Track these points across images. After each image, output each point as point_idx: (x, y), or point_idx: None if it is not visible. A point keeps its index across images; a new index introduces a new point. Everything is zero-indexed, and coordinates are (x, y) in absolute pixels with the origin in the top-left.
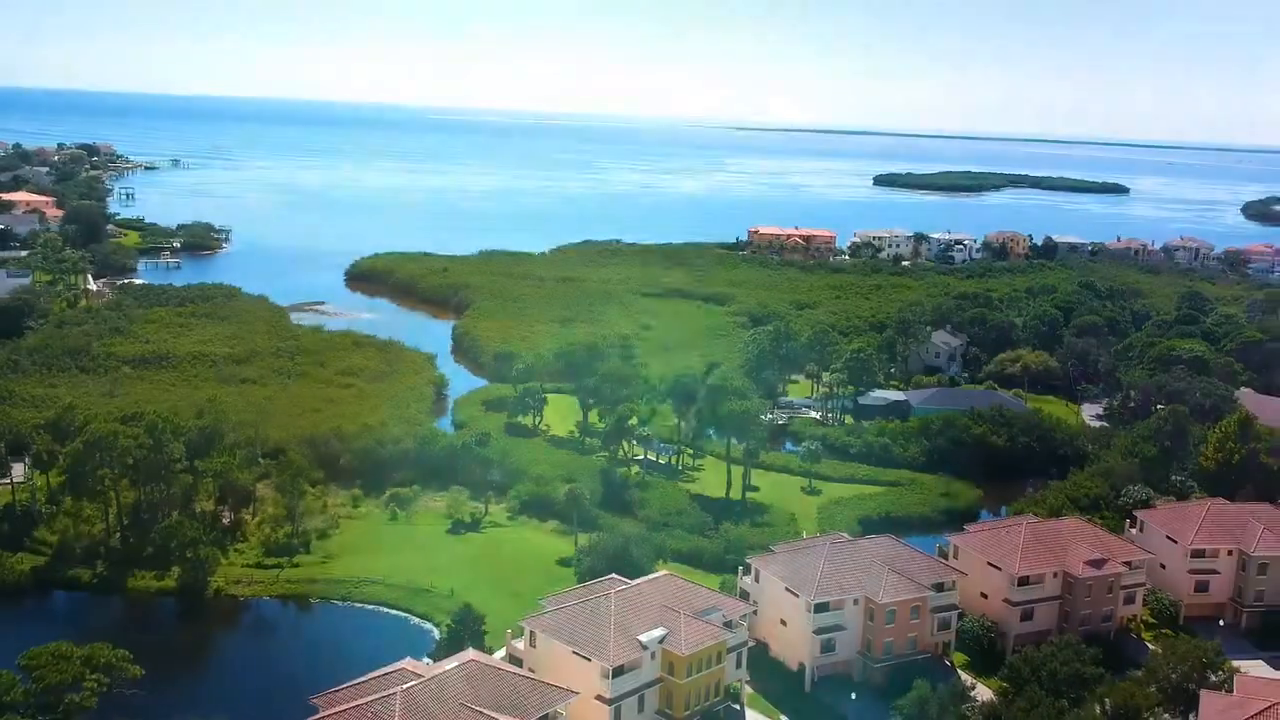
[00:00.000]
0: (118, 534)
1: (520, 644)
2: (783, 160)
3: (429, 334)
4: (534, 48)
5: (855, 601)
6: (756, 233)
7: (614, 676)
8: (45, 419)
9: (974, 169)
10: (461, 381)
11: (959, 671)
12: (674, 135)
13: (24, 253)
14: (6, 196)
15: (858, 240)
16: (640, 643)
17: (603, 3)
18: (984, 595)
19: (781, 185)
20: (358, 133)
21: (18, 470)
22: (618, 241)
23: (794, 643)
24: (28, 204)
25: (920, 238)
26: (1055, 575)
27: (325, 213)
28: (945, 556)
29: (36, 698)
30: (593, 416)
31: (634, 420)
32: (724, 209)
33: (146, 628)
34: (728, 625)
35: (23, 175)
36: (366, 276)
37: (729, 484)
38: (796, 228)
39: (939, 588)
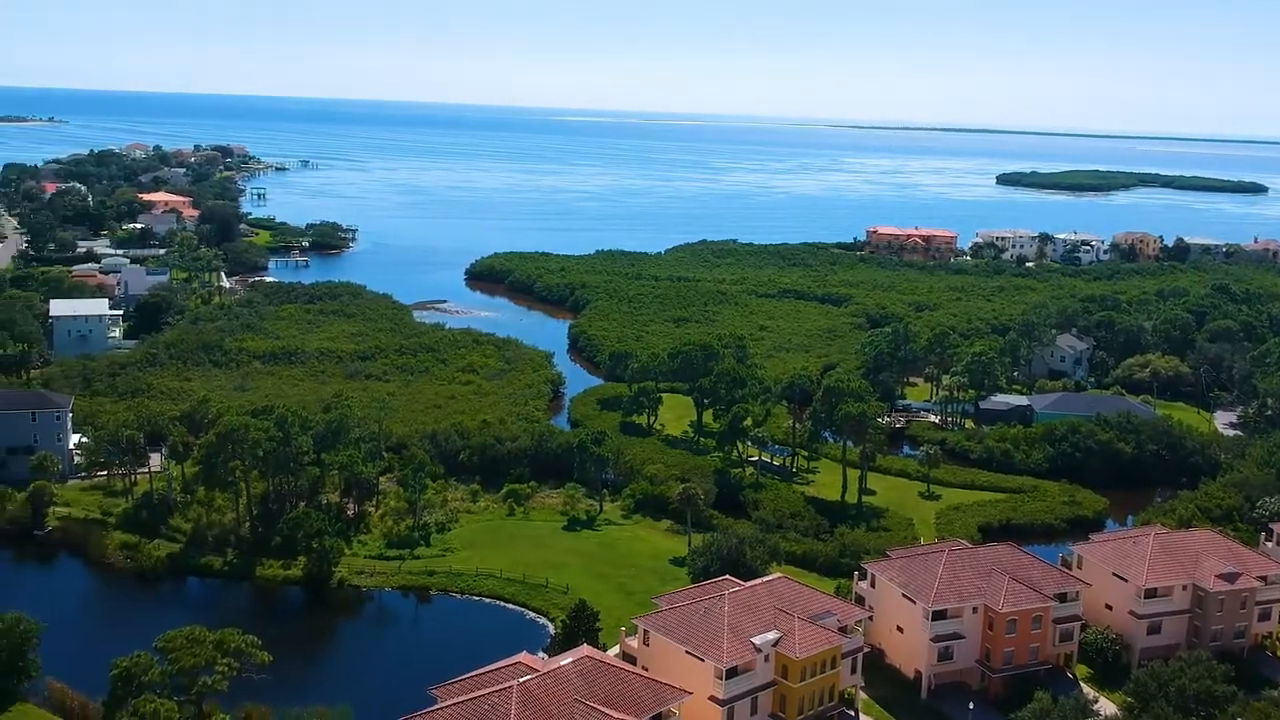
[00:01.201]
0: (248, 523)
1: (634, 642)
2: (901, 159)
3: (546, 332)
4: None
5: (974, 610)
6: (875, 233)
7: (727, 678)
8: (181, 411)
9: (1101, 168)
10: (578, 380)
11: (1081, 684)
12: (788, 135)
13: (162, 251)
14: (147, 197)
15: (980, 241)
16: (754, 645)
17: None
18: (1109, 607)
19: (900, 185)
20: (479, 135)
21: (155, 460)
22: (733, 241)
23: (910, 650)
24: (166, 204)
25: (1045, 238)
26: (1185, 588)
27: (446, 212)
28: (1068, 566)
29: (172, 679)
30: (707, 417)
31: (749, 421)
32: (841, 209)
33: (274, 615)
34: (843, 630)
35: (162, 176)
36: (486, 275)
37: (845, 487)
38: (916, 228)
39: (1062, 598)
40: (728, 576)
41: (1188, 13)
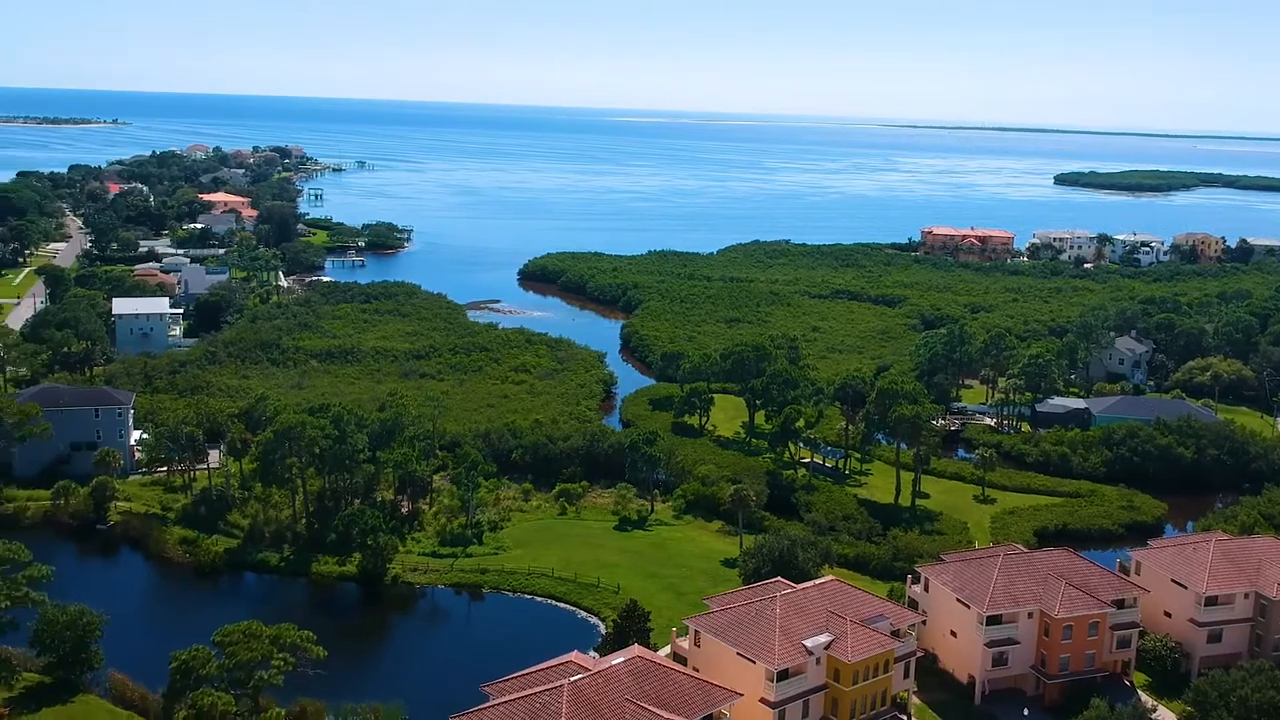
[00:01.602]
0: (304, 520)
1: (685, 643)
2: (957, 159)
3: (598, 333)
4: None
5: (1029, 615)
6: (930, 233)
7: (778, 680)
8: (239, 409)
9: (1162, 168)
10: (629, 380)
11: (1139, 692)
12: (841, 134)
13: (222, 250)
14: (207, 197)
15: (1037, 241)
16: (805, 648)
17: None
18: (1168, 614)
19: (956, 185)
20: (534, 135)
21: (214, 457)
22: (786, 242)
23: (964, 655)
24: (226, 204)
25: (1104, 239)
26: (1247, 596)
27: (500, 213)
28: (1126, 572)
29: (229, 673)
30: (759, 418)
31: (801, 422)
32: (895, 209)
33: (329, 611)
34: (895, 634)
35: (221, 177)
36: (539, 275)
37: (898, 490)
38: (972, 228)
39: (1119, 604)
40: (779, 578)
41: (1254, 8)
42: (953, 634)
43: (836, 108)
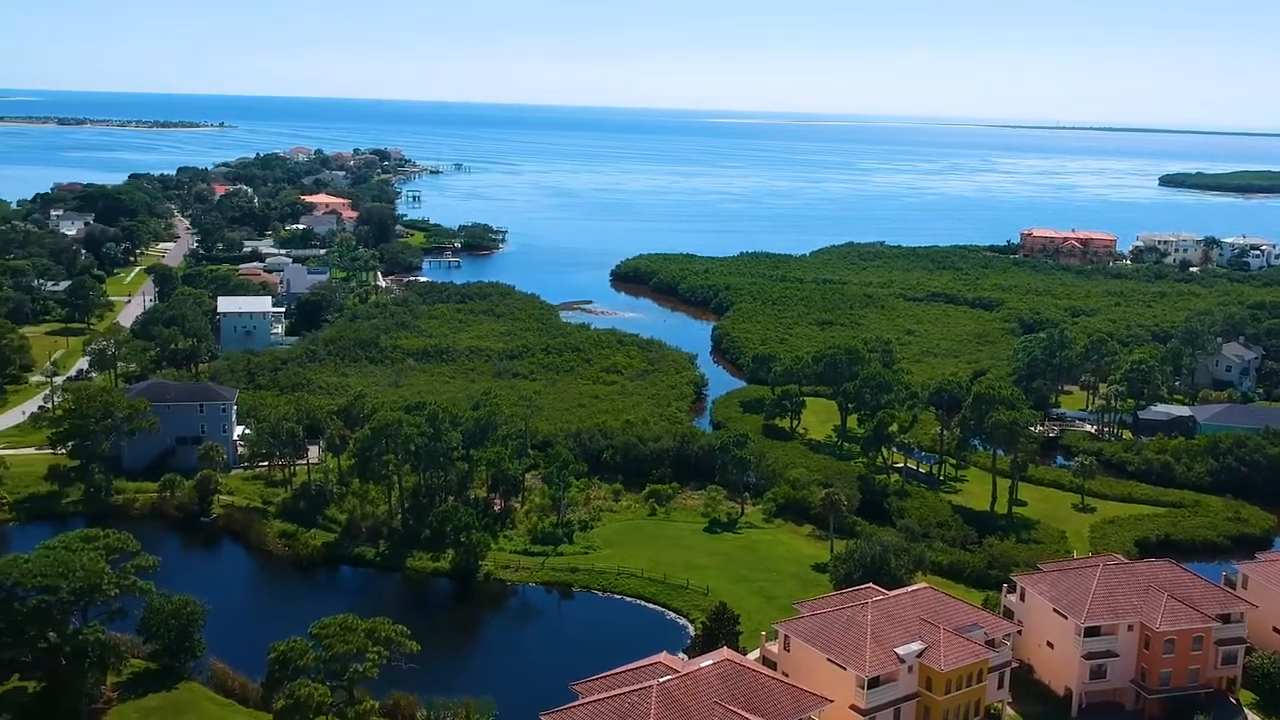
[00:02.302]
0: (399, 516)
1: (774, 647)
2: (1058, 159)
3: (689, 334)
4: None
5: (1129, 628)
6: (1029, 235)
7: (869, 687)
8: (338, 406)
9: (1274, 168)
10: (720, 382)
11: (1245, 710)
12: (938, 134)
13: (323, 251)
14: (309, 199)
15: (1140, 244)
16: (897, 655)
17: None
18: (1277, 630)
19: (1057, 186)
20: (629, 137)
21: (313, 452)
22: (881, 244)
23: (1061, 667)
24: (327, 206)
25: (1211, 242)
26: None
27: (593, 214)
28: (1232, 586)
29: (325, 664)
30: (852, 422)
31: (895, 427)
32: (994, 210)
33: (422, 606)
34: (990, 644)
35: (323, 179)
36: (631, 276)
37: (994, 497)
38: (1073, 230)
39: (1225, 619)
40: (871, 585)
41: None
42: (1049, 645)
43: (934, 108)
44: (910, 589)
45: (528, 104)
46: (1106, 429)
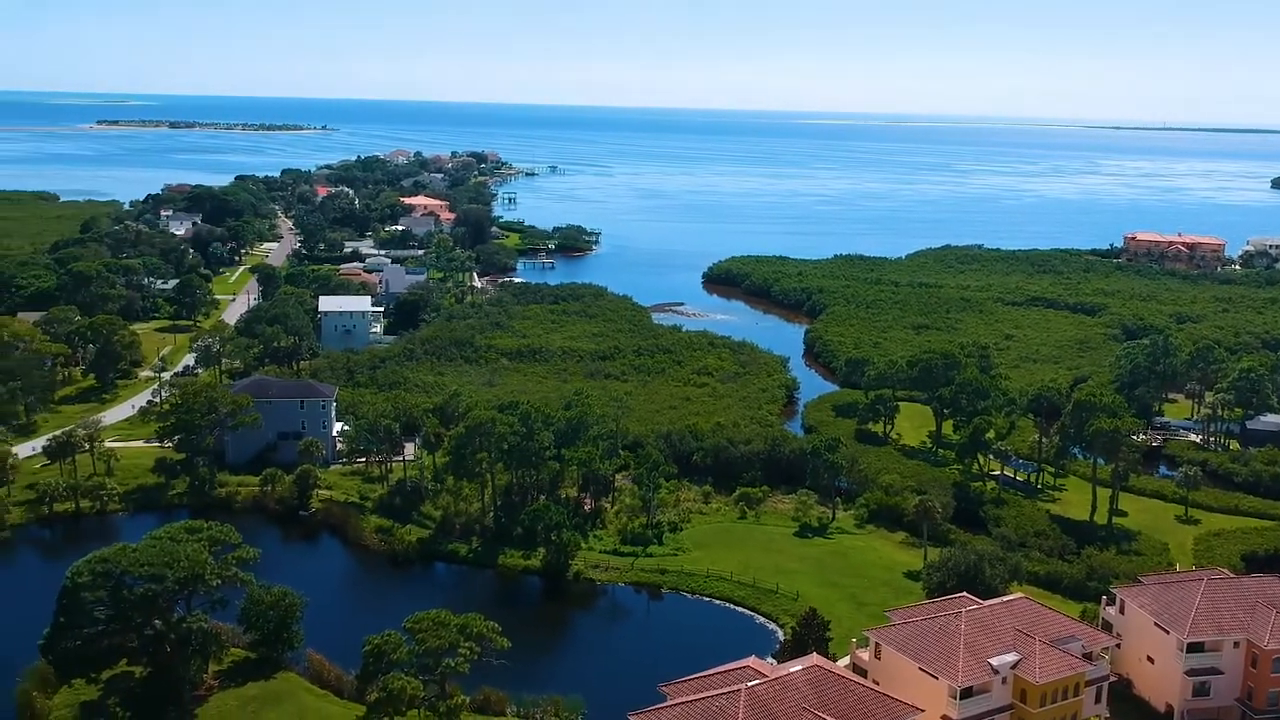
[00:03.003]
0: (491, 513)
1: (864, 654)
2: (1164, 161)
3: (782, 337)
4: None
5: (1235, 644)
6: (1133, 239)
7: (962, 698)
8: (434, 404)
9: None
10: (812, 385)
11: None
12: (1039, 135)
13: (420, 252)
14: (407, 200)
15: (1251, 249)
16: (991, 666)
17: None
18: None
19: (1163, 188)
20: (723, 139)
21: (409, 449)
22: (979, 247)
23: (1162, 683)
24: (425, 207)
25: None
26: None
27: (686, 216)
28: None
29: (418, 658)
30: (947, 427)
31: (991, 434)
32: (1097, 213)
33: (513, 603)
34: (1087, 657)
35: (421, 181)
36: (723, 279)
37: (1094, 507)
38: (1179, 234)
39: None
40: (965, 594)
41: None
42: (1149, 660)
43: (1035, 109)
44: (1005, 599)
45: (619, 106)
46: (1212, 439)
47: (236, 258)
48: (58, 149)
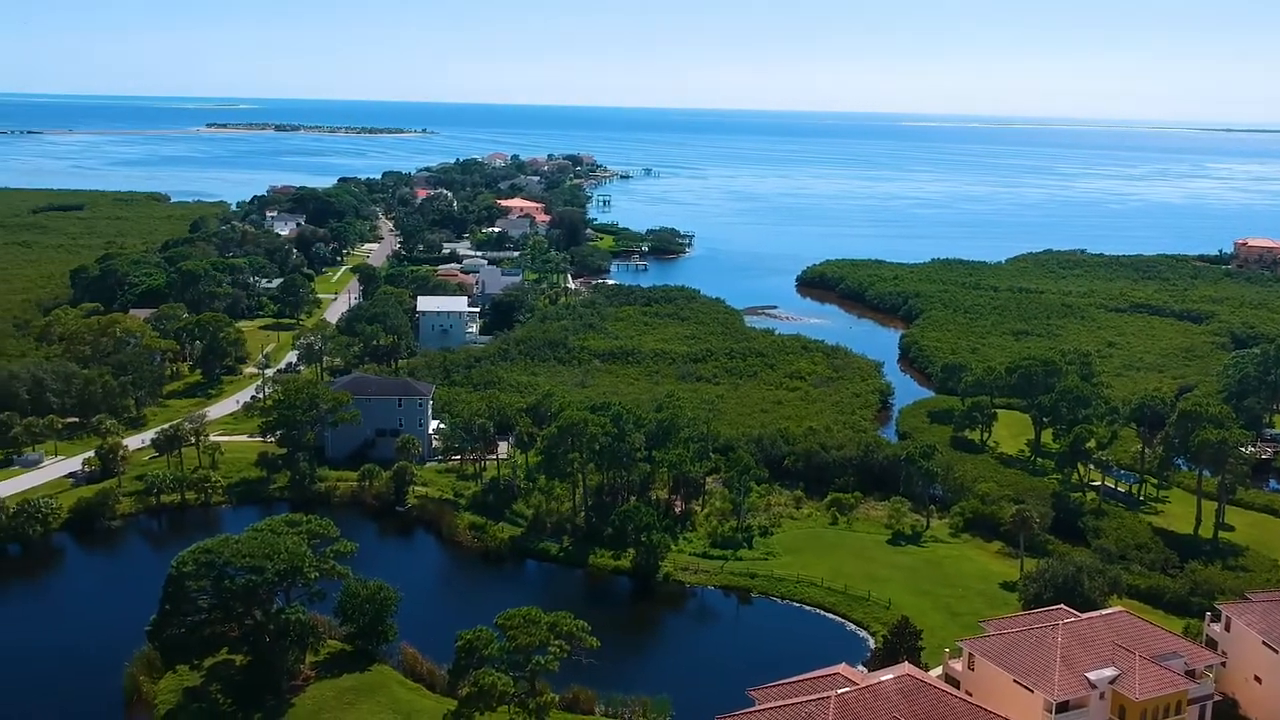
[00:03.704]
0: (582, 513)
1: (958, 665)
2: (1276, 165)
3: (876, 341)
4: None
5: None
6: (1244, 245)
7: (1057, 712)
8: (527, 404)
9: None
10: (907, 391)
11: None
12: (1145, 138)
13: (516, 253)
14: (504, 202)
15: None
16: (1088, 680)
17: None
18: None
19: (1275, 193)
20: (820, 141)
21: (502, 448)
22: (1081, 252)
23: (1271, 704)
24: (521, 209)
25: None
26: None
27: (780, 219)
28: None
29: (509, 655)
30: (1046, 436)
31: (1092, 443)
32: (1205, 218)
33: (602, 602)
34: (1189, 674)
35: (518, 183)
36: (817, 282)
37: (1199, 520)
38: None
39: None
40: (1062, 606)
41: None
42: (1257, 680)
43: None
44: (1105, 612)
45: (712, 109)
46: None
47: (338, 258)
48: (170, 151)
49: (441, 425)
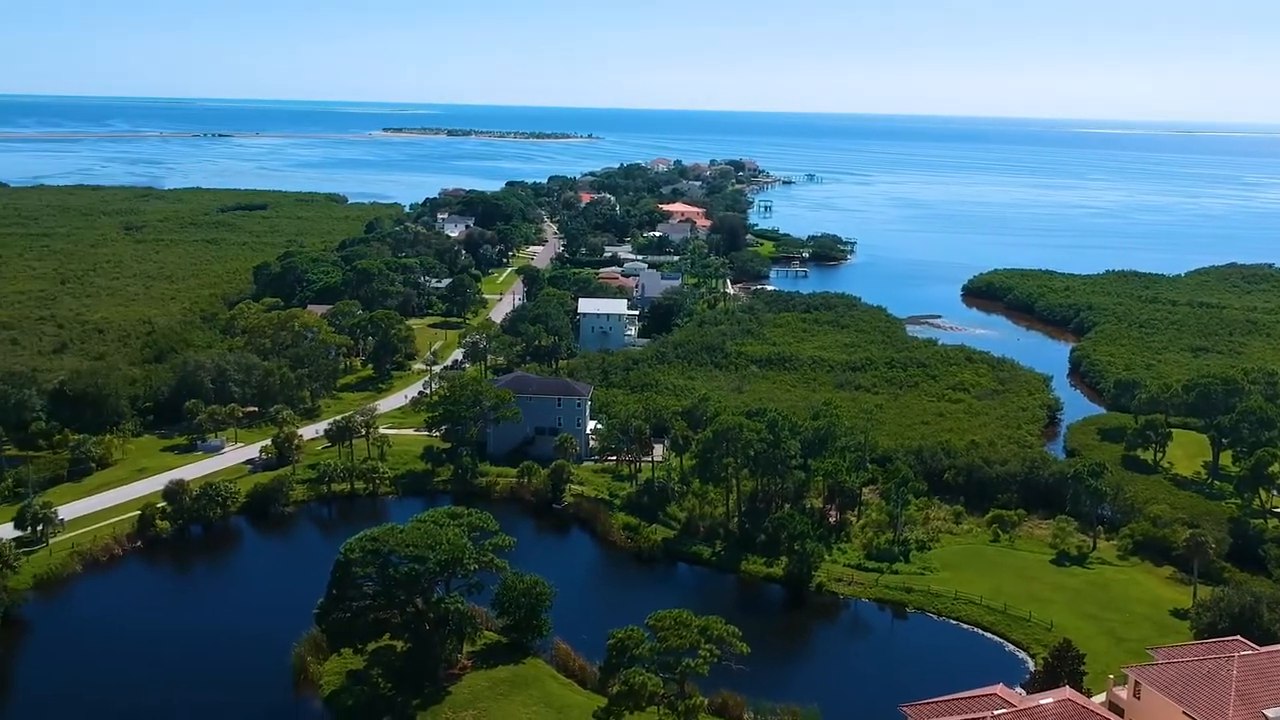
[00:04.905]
0: (735, 519)
1: (1122, 692)
2: None
3: (1044, 355)
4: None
5: None
6: None
7: None
8: (683, 407)
9: None
10: (1077, 407)
11: None
12: None
13: (676, 258)
14: (665, 207)
15: None
16: (1266, 717)
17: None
18: None
19: None
20: (985, 147)
21: (658, 450)
22: (1269, 266)
23: None
24: (682, 214)
25: None
26: None
27: (946, 227)
28: None
29: (659, 656)
30: (1225, 458)
31: (1276, 467)
32: None
33: (753, 609)
34: None
35: (680, 188)
36: (983, 292)
37: None
38: None
39: None
40: (1238, 637)
41: None
42: None
43: None
44: None
45: (880, 113)
46: None
47: (504, 259)
48: (347, 154)
49: (599, 425)
